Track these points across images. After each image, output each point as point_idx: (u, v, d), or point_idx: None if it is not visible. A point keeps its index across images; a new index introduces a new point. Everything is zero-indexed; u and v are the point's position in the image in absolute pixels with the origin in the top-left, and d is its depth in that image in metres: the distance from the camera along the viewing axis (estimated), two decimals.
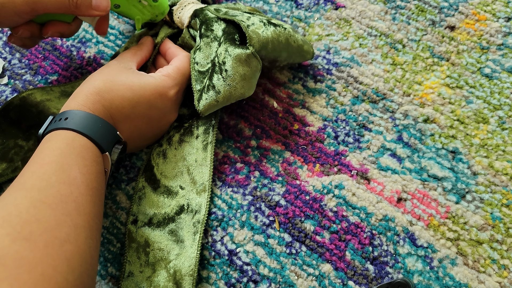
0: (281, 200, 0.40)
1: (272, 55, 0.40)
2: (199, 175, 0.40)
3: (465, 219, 0.38)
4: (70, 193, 0.29)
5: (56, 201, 0.28)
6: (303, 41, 0.42)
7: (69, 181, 0.29)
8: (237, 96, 0.39)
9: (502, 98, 0.42)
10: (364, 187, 0.40)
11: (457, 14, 0.46)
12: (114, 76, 0.37)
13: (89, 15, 0.37)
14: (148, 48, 0.43)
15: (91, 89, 0.35)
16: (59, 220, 0.27)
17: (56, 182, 0.29)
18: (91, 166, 0.32)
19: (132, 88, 0.37)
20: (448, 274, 0.36)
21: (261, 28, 0.38)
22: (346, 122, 0.43)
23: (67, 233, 0.27)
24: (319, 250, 0.38)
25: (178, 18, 0.43)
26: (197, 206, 0.39)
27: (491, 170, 0.39)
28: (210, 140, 0.41)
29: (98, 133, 0.33)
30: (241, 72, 0.37)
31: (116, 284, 0.38)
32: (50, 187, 0.28)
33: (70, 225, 0.27)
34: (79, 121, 0.33)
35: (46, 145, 0.32)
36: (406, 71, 0.44)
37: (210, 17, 0.40)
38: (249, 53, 0.37)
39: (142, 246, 0.38)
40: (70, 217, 0.28)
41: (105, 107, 0.35)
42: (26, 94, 0.43)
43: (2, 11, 0.35)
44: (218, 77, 0.38)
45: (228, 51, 0.37)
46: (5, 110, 0.42)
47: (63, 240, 0.26)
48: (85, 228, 0.28)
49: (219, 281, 0.37)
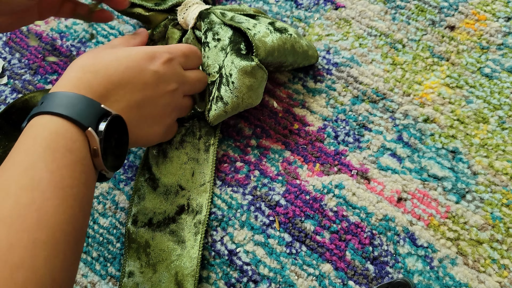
0: (281, 199, 0.40)
1: (278, 61, 0.40)
2: (200, 176, 0.40)
3: (465, 219, 0.38)
4: (32, 201, 0.25)
5: (12, 215, 0.24)
6: (308, 46, 0.42)
7: (31, 185, 0.25)
8: (245, 106, 0.39)
9: (502, 97, 0.42)
10: (364, 187, 0.40)
11: (457, 14, 0.46)
12: (99, 51, 0.34)
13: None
14: (142, 39, 0.40)
15: (74, 67, 0.32)
16: (12, 239, 0.23)
17: (15, 189, 0.25)
18: (63, 158, 0.27)
19: (117, 57, 0.33)
20: (448, 274, 0.36)
21: (267, 36, 0.38)
22: (346, 122, 0.43)
23: (20, 256, 0.23)
24: (319, 250, 0.38)
25: (182, 19, 0.43)
26: (198, 207, 0.39)
27: (491, 170, 0.39)
28: (213, 142, 0.42)
29: (73, 109, 0.28)
30: (247, 83, 0.37)
31: (116, 284, 0.38)
32: (8, 197, 0.25)
33: (25, 245, 0.23)
34: (53, 102, 0.29)
35: (17, 142, 0.28)
36: (406, 71, 0.44)
37: (216, 22, 0.40)
38: (254, 65, 0.37)
39: (142, 246, 0.38)
40: (27, 233, 0.24)
41: (89, 81, 0.31)
42: (28, 97, 0.43)
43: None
44: (226, 89, 0.38)
45: (234, 63, 0.37)
46: (7, 112, 0.42)
47: (14, 266, 0.23)
48: (46, 244, 0.24)
49: (219, 281, 0.37)
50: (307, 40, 0.43)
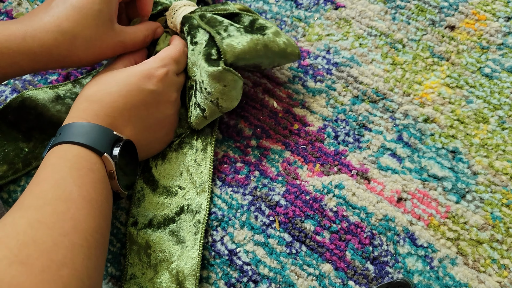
0: (281, 200, 0.40)
1: (252, 63, 0.39)
2: (198, 175, 0.40)
3: (465, 219, 0.38)
4: (67, 209, 0.28)
5: (53, 220, 0.27)
6: (286, 44, 0.40)
7: (65, 196, 0.29)
8: (223, 110, 0.39)
9: (502, 97, 0.42)
10: (364, 187, 0.40)
11: (457, 14, 0.46)
12: (98, 79, 0.37)
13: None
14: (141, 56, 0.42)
15: (80, 99, 0.35)
16: (56, 240, 0.26)
17: (52, 199, 0.28)
18: (87, 175, 0.31)
19: (117, 82, 0.36)
20: (448, 274, 0.36)
21: (236, 39, 0.38)
22: (346, 122, 0.43)
23: (64, 256, 0.26)
24: (319, 250, 0.38)
25: (171, 24, 0.43)
26: (197, 206, 0.39)
27: (491, 169, 0.39)
28: (210, 141, 0.42)
29: (89, 137, 0.32)
30: (218, 88, 0.37)
31: (116, 284, 0.38)
32: (47, 205, 0.28)
33: (67, 246, 0.26)
34: (70, 132, 0.32)
35: (42, 164, 0.31)
36: (406, 71, 0.44)
37: (194, 25, 0.40)
38: (221, 70, 0.36)
39: (143, 248, 0.38)
40: (67, 237, 0.27)
41: (96, 110, 0.34)
42: (25, 96, 0.43)
43: (95, 59, 0.38)
44: (200, 95, 0.39)
45: (203, 69, 0.37)
46: (3, 112, 0.42)
47: (60, 264, 0.25)
48: (83, 247, 0.27)
49: (219, 281, 0.38)
50: (287, 37, 0.41)
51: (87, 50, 0.36)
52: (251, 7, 0.50)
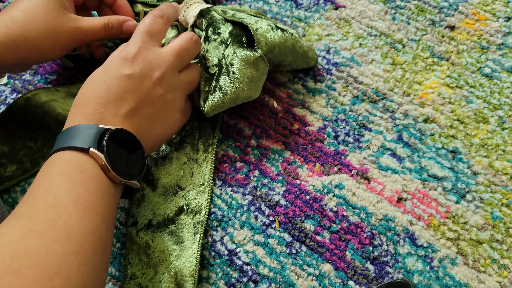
0: (281, 199, 0.40)
1: (278, 59, 0.40)
2: (199, 176, 0.40)
3: (465, 219, 0.38)
4: (59, 216, 0.27)
5: (45, 228, 0.26)
6: (308, 47, 0.42)
7: (56, 203, 0.28)
8: (243, 98, 0.38)
9: (502, 97, 0.42)
10: (364, 187, 0.40)
11: (457, 14, 0.46)
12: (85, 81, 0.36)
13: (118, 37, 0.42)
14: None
15: (71, 107, 0.35)
16: (48, 249, 0.26)
17: (43, 206, 0.28)
18: (76, 178, 0.30)
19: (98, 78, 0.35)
20: (448, 274, 0.36)
21: (269, 32, 0.38)
22: (346, 122, 0.43)
23: (57, 264, 0.25)
24: (319, 250, 0.38)
25: (183, 17, 0.43)
26: (197, 207, 0.39)
27: (491, 169, 0.39)
28: (212, 142, 0.41)
29: (73, 138, 0.31)
30: (248, 74, 0.37)
31: (116, 284, 0.38)
32: (38, 213, 0.27)
33: (60, 254, 0.26)
34: (59, 140, 0.32)
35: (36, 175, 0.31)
36: (406, 71, 0.44)
37: (217, 18, 0.40)
38: (257, 56, 0.37)
39: (143, 248, 0.38)
40: (60, 245, 0.26)
41: (83, 112, 0.33)
42: (30, 95, 0.43)
43: (53, 47, 0.39)
44: (225, 78, 0.38)
45: (236, 53, 0.37)
46: (10, 111, 0.42)
47: (52, 273, 0.25)
48: (77, 254, 0.27)
49: (219, 281, 0.37)
50: (307, 42, 0.43)
51: (40, 35, 0.37)
52: (251, 7, 0.50)
